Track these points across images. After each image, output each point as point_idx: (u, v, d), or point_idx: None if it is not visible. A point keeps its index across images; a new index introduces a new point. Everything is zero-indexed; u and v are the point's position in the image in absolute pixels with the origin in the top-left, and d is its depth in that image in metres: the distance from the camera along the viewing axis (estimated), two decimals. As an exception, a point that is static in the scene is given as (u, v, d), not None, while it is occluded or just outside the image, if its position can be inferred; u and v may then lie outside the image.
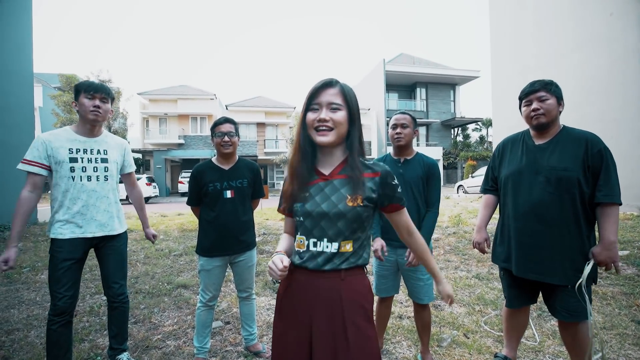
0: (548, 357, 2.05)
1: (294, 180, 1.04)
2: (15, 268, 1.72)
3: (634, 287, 3.06)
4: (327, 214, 0.99)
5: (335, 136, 0.99)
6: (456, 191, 16.07)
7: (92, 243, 1.87)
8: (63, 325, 1.76)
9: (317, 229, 1.00)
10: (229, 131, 1.96)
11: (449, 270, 3.83)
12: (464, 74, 25.85)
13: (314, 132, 1.00)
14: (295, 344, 0.99)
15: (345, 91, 1.02)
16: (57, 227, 1.78)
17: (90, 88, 1.79)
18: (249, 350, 2.16)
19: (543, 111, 1.60)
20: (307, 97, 1.02)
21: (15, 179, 6.78)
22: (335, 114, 0.98)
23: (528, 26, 9.39)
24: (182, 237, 5.95)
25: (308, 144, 1.03)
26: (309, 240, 1.02)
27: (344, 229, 0.99)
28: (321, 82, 1.02)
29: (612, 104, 7.19)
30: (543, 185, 1.58)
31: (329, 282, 0.99)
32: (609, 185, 1.49)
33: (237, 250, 2.01)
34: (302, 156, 1.03)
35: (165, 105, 22.41)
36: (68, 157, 1.76)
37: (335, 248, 0.99)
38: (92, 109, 1.78)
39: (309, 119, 1.01)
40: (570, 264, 1.53)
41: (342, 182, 1.01)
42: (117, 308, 1.97)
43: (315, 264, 0.99)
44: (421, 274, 1.89)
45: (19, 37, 7.09)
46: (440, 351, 2.13)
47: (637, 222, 5.75)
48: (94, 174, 1.82)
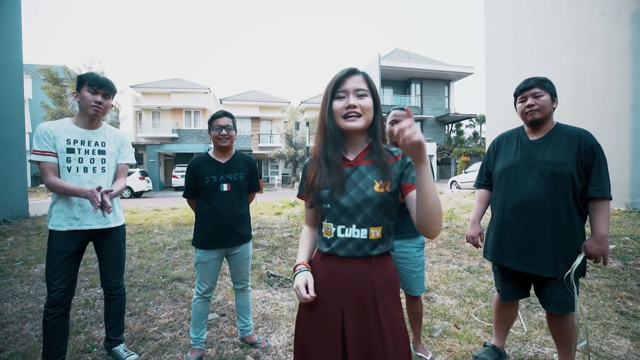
0: (535, 346, 2.12)
1: (321, 168, 1.03)
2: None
3: (619, 279, 3.17)
4: (354, 201, 0.99)
5: (364, 122, 1.00)
6: (449, 186, 16.22)
7: (89, 236, 1.87)
8: (57, 317, 1.77)
9: (345, 215, 1.00)
10: (226, 125, 1.98)
11: (441, 264, 3.90)
12: (459, 70, 25.93)
13: (341, 119, 1.00)
14: (326, 331, 0.99)
15: (369, 78, 1.03)
16: (54, 218, 1.78)
17: (94, 82, 1.78)
18: (245, 341, 2.19)
19: (537, 107, 1.64)
20: (332, 85, 1.01)
21: (7, 172, 6.69)
22: (362, 100, 0.99)
23: (523, 23, 9.45)
24: (177, 231, 5.94)
25: (337, 131, 1.02)
26: (336, 227, 1.01)
27: (372, 215, 0.99)
28: (345, 70, 1.02)
29: (605, 101, 7.31)
30: (537, 179, 1.61)
31: (360, 268, 0.99)
32: (600, 180, 1.54)
33: (233, 242, 2.03)
34: (333, 144, 1.02)
35: (158, 99, 22.16)
36: (65, 148, 1.76)
37: (365, 234, 0.99)
38: (93, 104, 1.78)
39: (336, 107, 1.00)
40: (561, 257, 1.58)
41: (369, 167, 1.02)
42: (113, 300, 1.99)
43: (345, 250, 1.00)
44: (414, 266, 1.93)
45: (7, 29, 6.93)
46: (431, 341, 2.20)
47: (623, 218, 5.91)
48: (90, 165, 1.82)
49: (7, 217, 6.39)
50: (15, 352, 2.08)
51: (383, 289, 0.99)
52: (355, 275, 0.99)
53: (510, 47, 9.89)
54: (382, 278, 1.00)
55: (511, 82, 11.20)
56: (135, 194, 15.43)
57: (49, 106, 17.45)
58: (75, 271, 1.85)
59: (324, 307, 1.01)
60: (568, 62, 8.05)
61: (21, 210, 6.98)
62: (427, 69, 25.31)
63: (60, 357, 1.81)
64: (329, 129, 1.02)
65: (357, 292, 0.98)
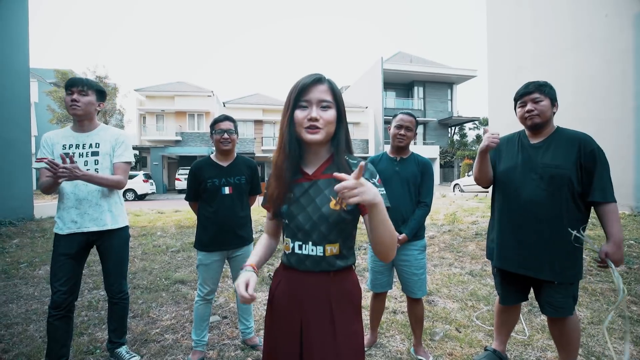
0: (536, 350, 2.11)
1: (278, 180, 0.99)
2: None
3: (623, 283, 3.13)
4: (310, 217, 0.96)
5: (324, 135, 0.95)
6: (452, 190, 16.17)
7: (90, 239, 1.88)
8: (59, 319, 1.80)
9: (301, 232, 0.98)
10: (228, 129, 2.00)
11: (443, 267, 3.89)
12: (461, 73, 25.93)
13: (303, 130, 0.94)
14: (285, 338, 1.00)
15: (334, 88, 0.97)
16: (57, 222, 1.84)
17: (67, 84, 1.82)
18: (246, 343, 2.20)
19: (537, 112, 1.64)
20: (295, 93, 0.95)
21: (12, 174, 6.76)
22: (325, 113, 0.94)
23: (525, 25, 9.44)
24: (180, 233, 5.97)
25: (294, 142, 0.97)
26: (294, 243, 1.00)
27: (327, 232, 0.96)
28: (310, 77, 0.95)
29: (607, 103, 7.28)
30: (536, 182, 1.61)
31: (318, 282, 0.98)
32: (602, 184, 1.54)
33: (235, 245, 2.05)
34: (289, 155, 0.97)
35: (162, 102, 22.30)
36: (60, 153, 1.80)
37: (321, 252, 0.96)
38: (70, 103, 1.81)
39: (298, 117, 0.94)
40: (558, 261, 1.57)
41: (327, 182, 0.97)
42: (116, 304, 2.01)
43: (304, 266, 0.99)
44: (415, 268, 1.94)
45: (15, 32, 7.04)
46: (432, 344, 2.19)
47: (628, 221, 5.85)
48: (84, 167, 1.82)
49: (12, 219, 6.46)
50: (19, 353, 2.10)
51: (341, 304, 0.98)
52: (313, 289, 0.98)
53: (512, 50, 9.89)
54: (340, 292, 0.99)
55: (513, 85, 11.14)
56: (139, 196, 15.52)
57: (54, 110, 17.64)
58: (78, 274, 1.88)
59: (285, 315, 1.01)
60: (569, 64, 8.03)
61: (26, 212, 7.05)
62: (430, 72, 25.35)
63: (62, 359, 1.83)
64: (288, 140, 0.97)
65: (316, 305, 0.98)
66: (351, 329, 0.99)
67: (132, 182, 15.19)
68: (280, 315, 1.02)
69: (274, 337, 1.03)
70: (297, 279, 1.00)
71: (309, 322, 0.97)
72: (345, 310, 0.99)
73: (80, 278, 1.92)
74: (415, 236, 1.93)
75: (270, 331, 1.05)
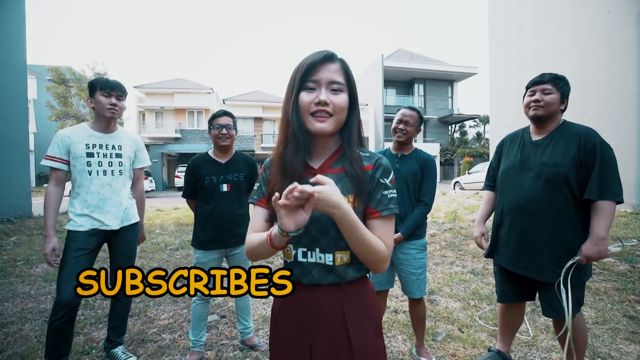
0: (541, 351, 2.07)
1: (279, 176, 0.83)
2: (60, 255, 1.82)
3: (627, 282, 3.10)
4: (318, 220, 0.80)
5: (334, 124, 0.81)
6: (453, 187, 16.13)
7: (107, 235, 1.91)
8: (67, 321, 1.74)
9: (306, 236, 0.82)
10: (227, 124, 1.95)
11: (444, 266, 3.85)
12: (462, 71, 25.81)
13: (308, 117, 0.80)
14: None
15: (347, 69, 0.83)
16: (75, 219, 1.83)
17: (106, 85, 1.84)
18: (245, 343, 2.16)
19: (543, 104, 1.59)
20: (302, 72, 0.80)
21: (10, 172, 6.72)
22: (336, 97, 0.80)
23: (527, 22, 9.37)
24: (178, 231, 5.94)
25: (302, 131, 0.81)
26: (297, 250, 0.84)
27: (339, 237, 0.79)
28: (320, 54, 0.80)
29: (610, 100, 7.22)
30: (533, 181, 1.58)
31: (328, 296, 0.84)
32: (600, 180, 1.46)
33: (233, 243, 2.00)
34: (295, 146, 0.81)
35: (161, 99, 22.22)
36: (85, 152, 1.83)
37: (330, 260, 0.82)
38: (109, 106, 1.84)
39: (303, 101, 0.79)
40: (558, 262, 1.51)
41: (337, 177, 0.82)
42: (120, 300, 1.98)
43: (310, 278, 0.84)
44: (414, 268, 1.90)
45: (12, 29, 6.98)
46: (435, 345, 2.15)
47: (630, 219, 5.82)
48: (109, 168, 1.89)
49: (9, 217, 6.42)
50: (13, 353, 2.06)
51: (358, 320, 0.84)
52: (324, 306, 0.84)
53: (514, 47, 9.82)
54: (355, 307, 0.84)
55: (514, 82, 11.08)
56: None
57: (54, 106, 17.55)
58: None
59: (292, 339, 0.86)
60: (571, 61, 7.97)
61: (24, 209, 7.01)
62: (431, 69, 25.21)
63: (64, 357, 1.80)
64: (292, 128, 0.81)
65: (327, 326, 0.83)
66: (372, 351, 0.84)
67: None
68: (286, 340, 0.88)
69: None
70: (305, 296, 0.85)
71: (320, 347, 0.83)
72: (363, 329, 0.84)
73: None
74: (413, 235, 1.88)
75: (276, 358, 0.91)
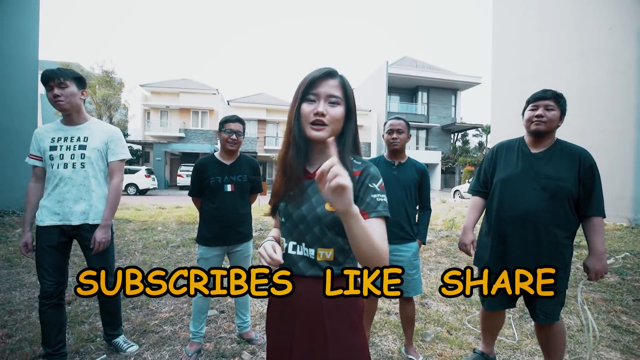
0: (525, 354, 2.16)
1: (284, 177, 0.94)
2: (33, 250, 1.83)
3: (615, 294, 3.19)
4: (305, 217, 0.91)
5: (329, 133, 0.89)
6: (452, 196, 16.21)
7: (71, 232, 1.85)
8: (52, 307, 1.80)
9: (295, 231, 0.93)
10: (237, 130, 2.07)
11: (438, 272, 3.94)
12: (466, 80, 25.97)
13: (307, 126, 0.89)
14: (275, 353, 0.96)
15: (346, 84, 0.93)
16: (39, 213, 1.83)
17: (43, 80, 1.74)
18: (242, 337, 2.26)
19: (545, 119, 1.63)
20: (304, 86, 0.90)
21: (17, 165, 6.84)
22: (333, 109, 0.89)
23: (530, 34, 9.51)
24: (180, 229, 6.04)
25: (302, 138, 0.91)
26: (288, 243, 0.95)
27: (321, 235, 0.90)
28: (321, 70, 0.91)
29: (610, 115, 7.33)
30: (539, 192, 1.62)
31: (309, 288, 0.90)
32: (597, 199, 1.58)
33: (235, 240, 2.11)
34: (296, 151, 0.91)
35: (167, 98, 22.42)
36: (49, 146, 1.81)
37: (312, 254, 0.91)
38: (53, 99, 1.75)
39: (304, 111, 0.89)
40: (556, 271, 1.61)
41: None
42: (105, 301, 2.03)
43: (296, 269, 0.92)
44: (408, 269, 1.99)
45: (25, 25, 7.14)
46: (423, 345, 2.25)
47: (625, 233, 5.89)
48: (70, 161, 1.80)
49: (15, 209, 6.55)
50: (22, 339, 2.17)
51: (335, 316, 0.89)
52: (305, 297, 0.91)
53: (517, 58, 9.95)
54: (334, 303, 0.89)
55: (516, 93, 11.10)
56: (141, 191, 15.63)
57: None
58: (63, 265, 1.86)
59: (277, 325, 0.97)
60: (573, 74, 8.09)
61: (30, 203, 7.12)
62: (435, 78, 25.38)
63: (60, 344, 1.85)
64: (294, 134, 0.92)
65: (306, 315, 0.91)
66: (347, 345, 0.90)
67: (134, 177, 15.32)
68: (273, 323, 0.99)
69: (269, 349, 0.99)
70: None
71: (299, 334, 0.91)
72: (340, 323, 0.90)
73: (67, 268, 1.90)
74: (407, 238, 1.99)
75: (268, 341, 1.02)
